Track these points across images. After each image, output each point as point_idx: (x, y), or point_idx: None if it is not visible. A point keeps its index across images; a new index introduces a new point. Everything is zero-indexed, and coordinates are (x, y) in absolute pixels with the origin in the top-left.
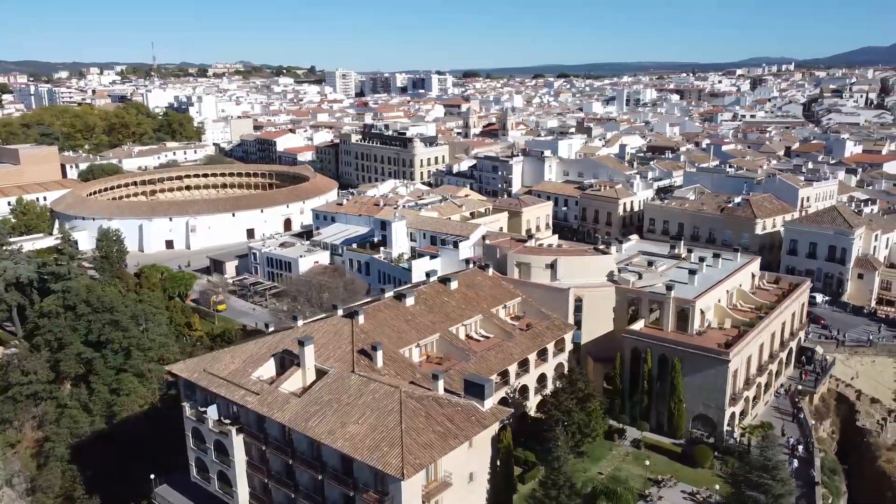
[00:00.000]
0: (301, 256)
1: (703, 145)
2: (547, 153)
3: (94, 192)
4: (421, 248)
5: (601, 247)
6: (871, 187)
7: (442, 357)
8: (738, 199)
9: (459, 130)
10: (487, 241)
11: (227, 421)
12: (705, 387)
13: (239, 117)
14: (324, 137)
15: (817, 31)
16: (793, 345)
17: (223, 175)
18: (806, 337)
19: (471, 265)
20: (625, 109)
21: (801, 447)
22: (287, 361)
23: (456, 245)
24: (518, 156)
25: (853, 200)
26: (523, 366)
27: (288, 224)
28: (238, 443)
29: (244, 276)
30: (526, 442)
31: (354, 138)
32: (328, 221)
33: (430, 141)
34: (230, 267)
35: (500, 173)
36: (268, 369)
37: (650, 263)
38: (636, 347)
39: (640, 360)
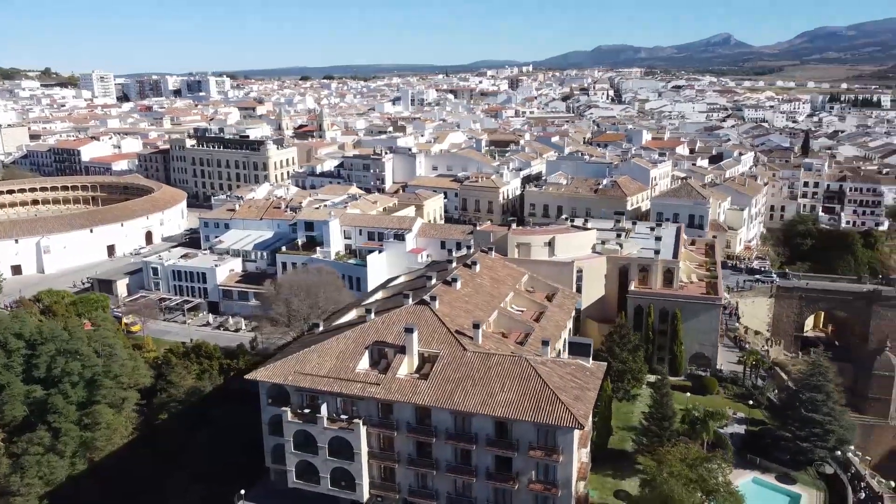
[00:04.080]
0: (216, 266)
1: (527, 138)
2: (414, 150)
3: None
4: (359, 245)
5: (579, 224)
6: (677, 167)
7: (504, 331)
8: (605, 181)
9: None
10: (479, 228)
11: (345, 416)
12: (700, 329)
13: (10, 126)
14: (133, 145)
15: (530, 36)
16: None
17: (33, 190)
18: None
19: (492, 252)
20: (411, 109)
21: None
22: (377, 352)
23: (402, 238)
24: (388, 153)
25: (676, 178)
26: None
27: (149, 237)
28: (363, 435)
29: (141, 295)
30: None
31: (189, 143)
32: (221, 229)
33: (279, 143)
34: (121, 286)
35: (372, 171)
36: (363, 362)
37: (619, 235)
38: (639, 305)
39: (644, 315)
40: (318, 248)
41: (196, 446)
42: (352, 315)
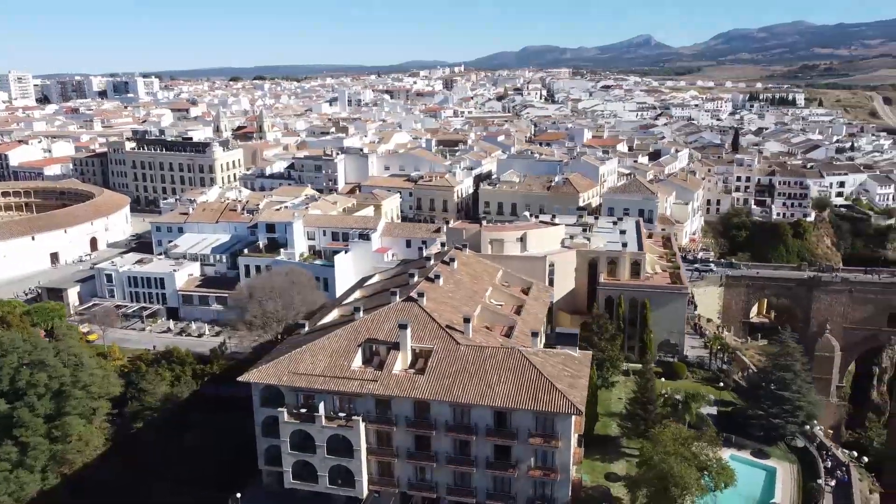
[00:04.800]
0: (175, 270)
1: (472, 138)
2: (366, 150)
3: None
4: (324, 245)
5: (548, 220)
6: (620, 164)
7: (488, 325)
8: (557, 179)
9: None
10: (451, 226)
11: (343, 414)
12: (668, 318)
13: None
14: (65, 149)
15: (458, 37)
16: None
17: None
18: None
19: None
20: (348, 109)
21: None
22: (369, 349)
23: (367, 237)
24: (339, 154)
25: (621, 175)
26: None
27: (94, 243)
28: (363, 432)
29: (94, 303)
30: None
31: (129, 146)
32: (174, 233)
33: (225, 144)
34: (72, 294)
35: (324, 172)
36: (357, 360)
37: (584, 230)
38: (609, 296)
39: (614, 305)
40: (281, 250)
41: (177, 454)
42: (334, 315)
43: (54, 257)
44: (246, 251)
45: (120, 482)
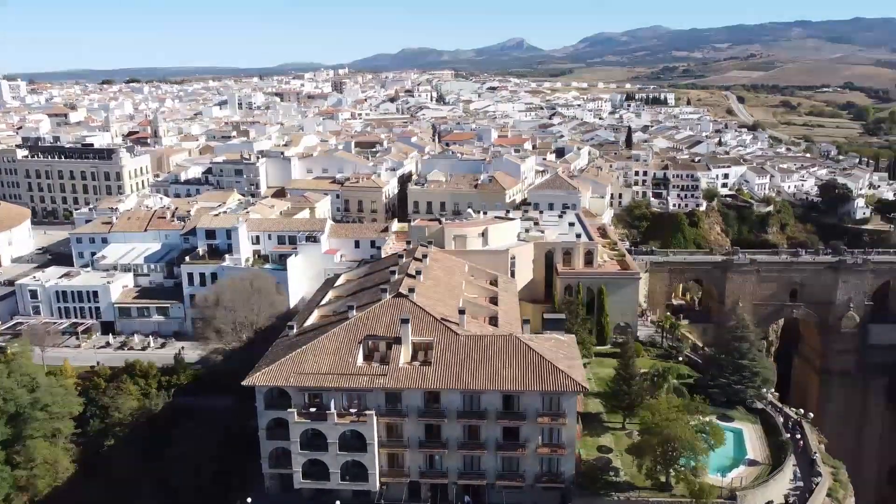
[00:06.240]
0: (109, 283)
1: (386, 140)
2: (288, 152)
3: None
4: (270, 250)
5: (504, 214)
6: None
7: (471, 315)
8: (483, 177)
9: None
10: (414, 224)
11: (353, 410)
12: (622, 302)
13: None
14: None
15: (335, 39)
16: None
17: None
18: None
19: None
20: (239, 113)
21: None
22: (368, 345)
23: (316, 239)
24: (260, 157)
25: (537, 172)
26: None
27: None
28: (376, 425)
29: (17, 321)
30: None
31: (21, 154)
32: (98, 244)
33: (131, 150)
34: None
35: (245, 176)
36: (359, 357)
37: (535, 223)
38: (568, 284)
39: (573, 293)
40: (226, 256)
41: (157, 468)
42: (315, 316)
43: None
44: (187, 259)
45: (94, 502)
